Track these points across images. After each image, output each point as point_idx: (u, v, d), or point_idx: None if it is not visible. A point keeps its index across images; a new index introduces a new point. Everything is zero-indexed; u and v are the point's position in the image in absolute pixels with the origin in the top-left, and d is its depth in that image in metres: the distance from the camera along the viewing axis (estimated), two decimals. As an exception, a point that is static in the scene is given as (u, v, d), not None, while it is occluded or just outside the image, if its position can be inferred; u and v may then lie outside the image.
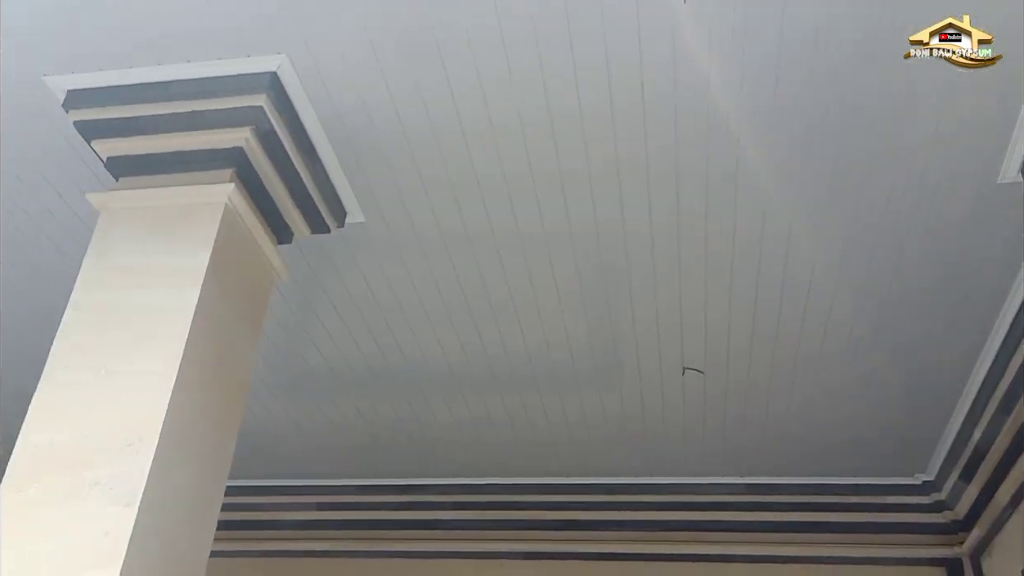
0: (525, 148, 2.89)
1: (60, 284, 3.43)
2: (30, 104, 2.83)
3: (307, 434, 4.74)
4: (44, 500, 2.26)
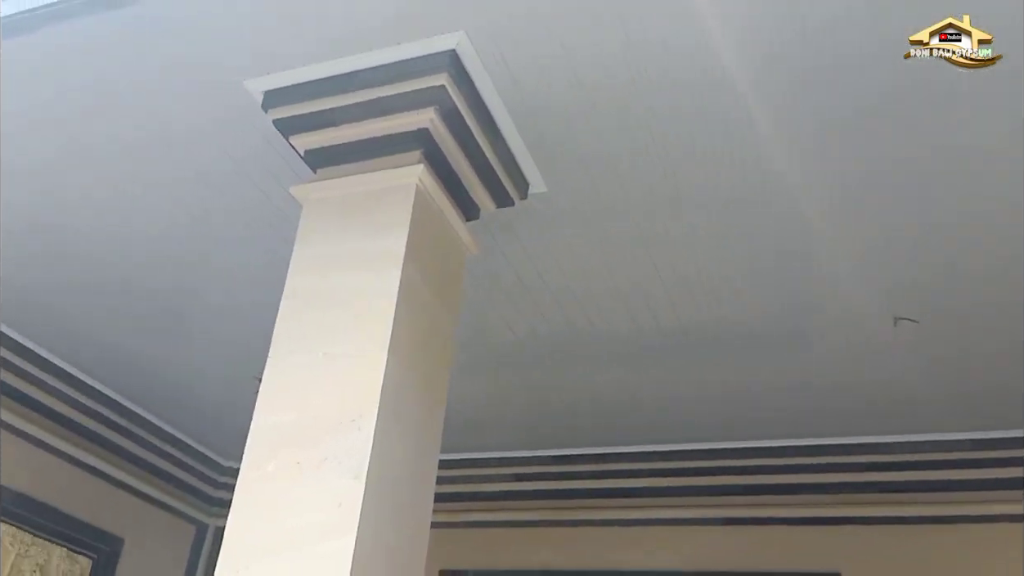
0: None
1: (269, 274, 3.71)
2: (231, 108, 3.00)
3: (501, 407, 4.85)
4: (281, 476, 2.41)
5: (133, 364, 4.94)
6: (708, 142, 2.95)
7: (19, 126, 3.16)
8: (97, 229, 3.76)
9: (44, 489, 4.97)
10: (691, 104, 2.79)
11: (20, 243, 3.88)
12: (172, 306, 4.33)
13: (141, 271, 4.04)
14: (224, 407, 5.30)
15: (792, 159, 3.00)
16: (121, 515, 5.44)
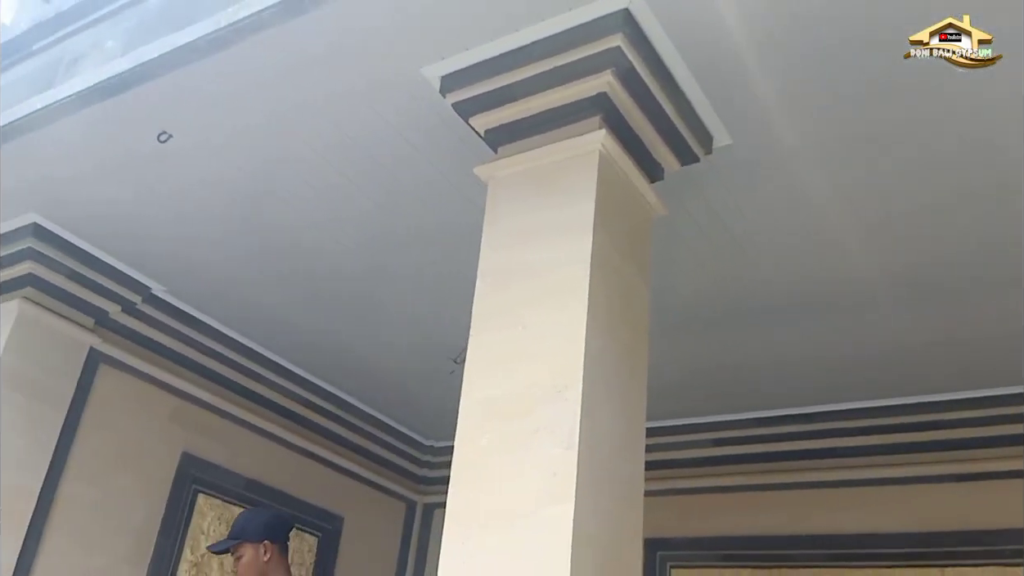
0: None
1: (457, 255, 3.80)
2: (409, 96, 3.09)
3: (694, 371, 4.75)
4: (495, 448, 2.47)
5: (339, 353, 5.24)
6: (904, 72, 2.72)
7: (228, 138, 3.42)
8: (297, 223, 3.99)
9: (272, 475, 5.39)
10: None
11: (235, 244, 4.21)
12: (368, 292, 4.54)
13: (336, 259, 4.26)
14: (424, 389, 5.52)
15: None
16: (340, 496, 5.81)
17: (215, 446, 5.12)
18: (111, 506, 4.57)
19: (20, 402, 4.25)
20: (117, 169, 3.77)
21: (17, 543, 4.12)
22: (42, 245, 4.25)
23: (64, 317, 4.46)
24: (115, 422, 4.66)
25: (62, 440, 4.39)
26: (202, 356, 5.05)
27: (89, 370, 4.57)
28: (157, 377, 4.88)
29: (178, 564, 4.81)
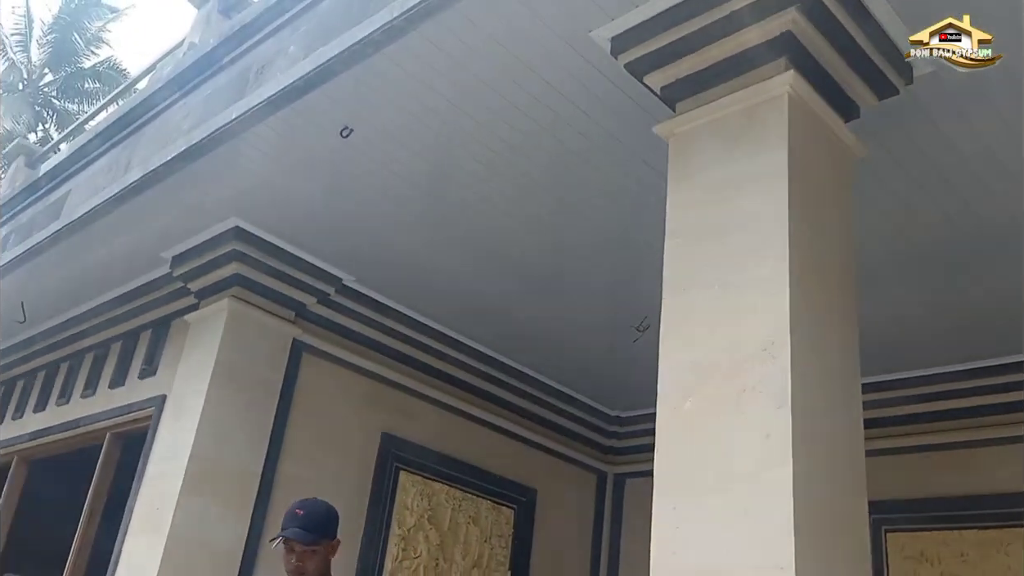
0: None
1: (633, 220, 3.73)
2: (581, 63, 3.04)
3: (906, 321, 4.43)
4: (699, 412, 2.40)
5: (524, 329, 5.31)
6: None
7: (404, 125, 3.52)
8: (475, 202, 4.06)
9: (467, 451, 5.56)
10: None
11: (417, 229, 4.34)
12: (548, 266, 4.56)
13: (515, 235, 4.30)
14: (608, 359, 5.50)
15: None
16: (533, 469, 5.91)
17: (412, 425, 5.33)
18: (323, 484, 4.84)
19: (238, 393, 4.59)
20: (305, 167, 3.97)
21: (246, 520, 4.46)
22: (244, 246, 4.55)
23: (268, 312, 4.76)
24: (320, 407, 4.94)
25: (276, 425, 4.70)
26: (394, 340, 5.26)
27: (294, 359, 4.87)
28: (354, 363, 5.13)
29: (388, 538, 5.06)
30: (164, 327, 5.26)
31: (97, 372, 5.74)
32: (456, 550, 5.37)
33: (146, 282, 5.29)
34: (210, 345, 4.63)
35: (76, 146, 4.89)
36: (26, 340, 6.43)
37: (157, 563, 4.13)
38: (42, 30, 21.29)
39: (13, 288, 5.60)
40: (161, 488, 4.40)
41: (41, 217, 4.99)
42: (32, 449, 6.25)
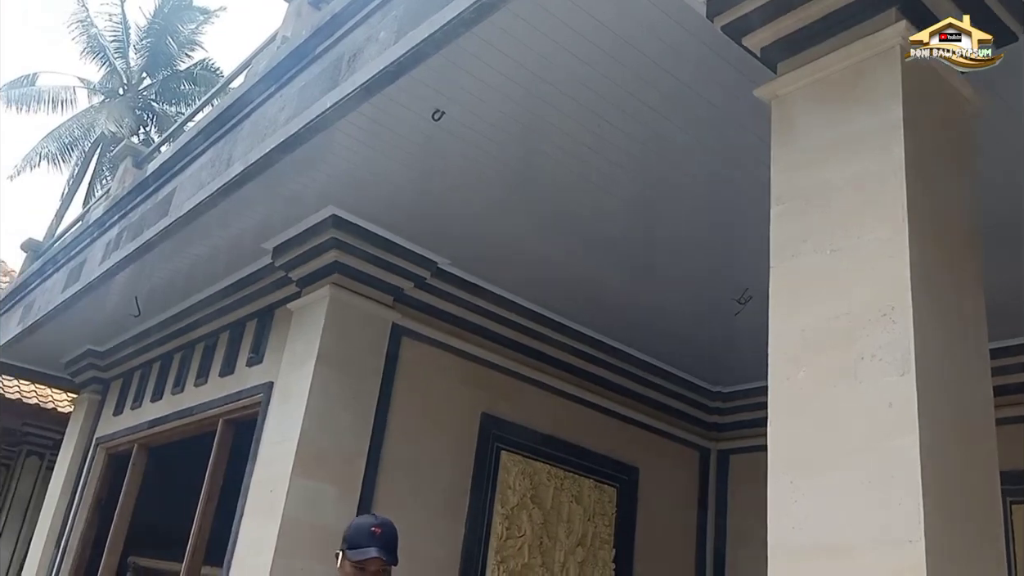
0: None
1: (728, 190, 3.63)
2: (676, 30, 2.97)
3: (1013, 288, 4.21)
4: (814, 381, 2.32)
5: (622, 307, 5.27)
6: None
7: (494, 105, 3.51)
8: (568, 179, 4.02)
9: (567, 430, 5.56)
10: None
11: (510, 209, 4.34)
12: (644, 241, 4.50)
13: (610, 211, 4.24)
14: (707, 334, 5.40)
15: None
16: (634, 447, 5.87)
17: (511, 406, 5.35)
18: (427, 465, 4.93)
19: (342, 378, 4.70)
20: (398, 153, 4.01)
21: (354, 500, 4.57)
22: (342, 234, 4.63)
23: (367, 297, 4.85)
24: (421, 389, 5.01)
25: (379, 407, 4.79)
26: (491, 322, 5.29)
27: (394, 343, 4.95)
28: (453, 345, 5.18)
29: (492, 516, 5.10)
30: (268, 316, 5.42)
31: (208, 361, 5.97)
32: (560, 528, 5.39)
33: (249, 273, 5.46)
34: (313, 332, 4.75)
35: (179, 145, 5.07)
36: (141, 333, 6.73)
37: (273, 543, 4.28)
38: (138, 35, 22.18)
39: (127, 284, 5.86)
40: (273, 471, 4.55)
41: (151, 214, 5.20)
42: (151, 437, 6.56)
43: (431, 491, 4.92)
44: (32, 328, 6.92)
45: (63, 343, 7.35)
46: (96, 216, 6.12)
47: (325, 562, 4.51)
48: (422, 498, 4.87)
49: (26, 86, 21.13)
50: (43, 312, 6.64)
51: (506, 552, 5.10)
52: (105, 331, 6.99)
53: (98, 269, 5.76)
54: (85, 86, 22.25)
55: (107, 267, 5.60)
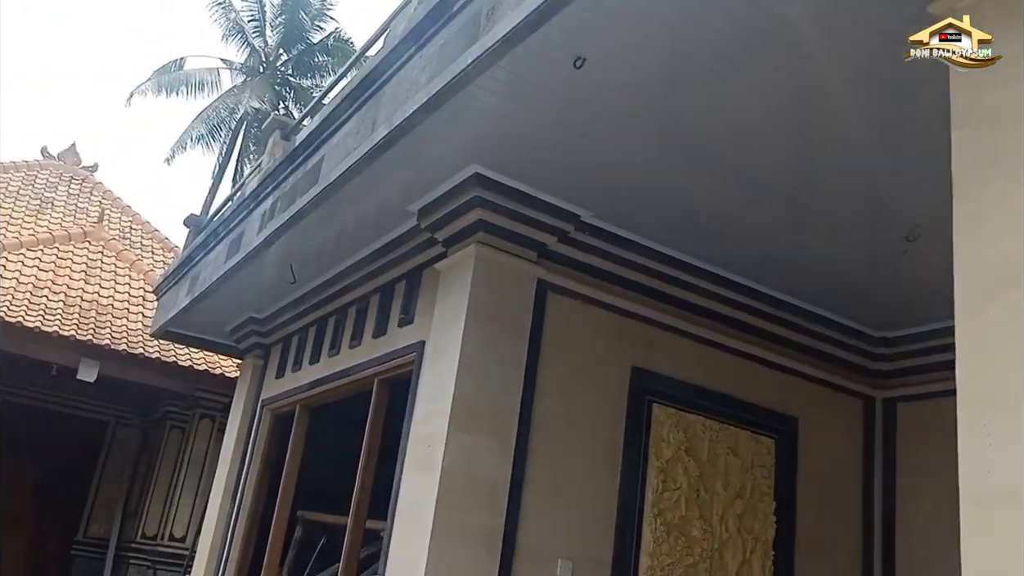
0: None
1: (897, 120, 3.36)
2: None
3: None
4: (1008, 317, 2.13)
5: (775, 253, 5.05)
6: None
7: (636, 48, 3.40)
8: (714, 121, 3.87)
9: (721, 381, 5.43)
10: None
11: (654, 156, 4.22)
12: (799, 179, 4.28)
13: (761, 149, 4.04)
14: (870, 277, 5.11)
15: None
16: (791, 397, 5.67)
17: (662, 358, 5.27)
18: (578, 419, 4.94)
19: (491, 334, 4.74)
20: (539, 104, 3.96)
21: (509, 455, 4.64)
22: (485, 192, 4.65)
23: (512, 254, 4.86)
24: (569, 344, 5.00)
25: (529, 363, 4.82)
26: (638, 274, 5.20)
27: (540, 299, 4.95)
28: (599, 299, 5.13)
29: (647, 470, 5.07)
30: (417, 277, 5.53)
31: (361, 324, 6.18)
32: (717, 481, 5.29)
33: (396, 236, 5.58)
34: (461, 291, 4.81)
35: (324, 114, 5.20)
36: (297, 299, 7.05)
37: (434, 498, 4.40)
38: (273, 13, 23.01)
39: (283, 252, 6.12)
40: (430, 428, 4.67)
41: (302, 183, 5.39)
42: (311, 398, 6.89)
43: (584, 444, 4.93)
44: (199, 299, 7.38)
45: (227, 312, 7.81)
46: (251, 189, 6.41)
47: (486, 515, 4.64)
48: (576, 451, 4.89)
49: (174, 71, 22.36)
50: (208, 283, 7.06)
51: (663, 505, 5.05)
52: (264, 299, 7.36)
53: (256, 239, 6.04)
54: (228, 67, 23.34)
55: (264, 237, 5.86)
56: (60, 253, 11.10)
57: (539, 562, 4.63)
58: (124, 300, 10.88)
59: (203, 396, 10.62)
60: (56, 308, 9.80)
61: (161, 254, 13.33)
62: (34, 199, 13.38)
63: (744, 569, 5.24)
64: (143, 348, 9.80)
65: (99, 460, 12.23)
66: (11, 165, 14.02)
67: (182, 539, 10.46)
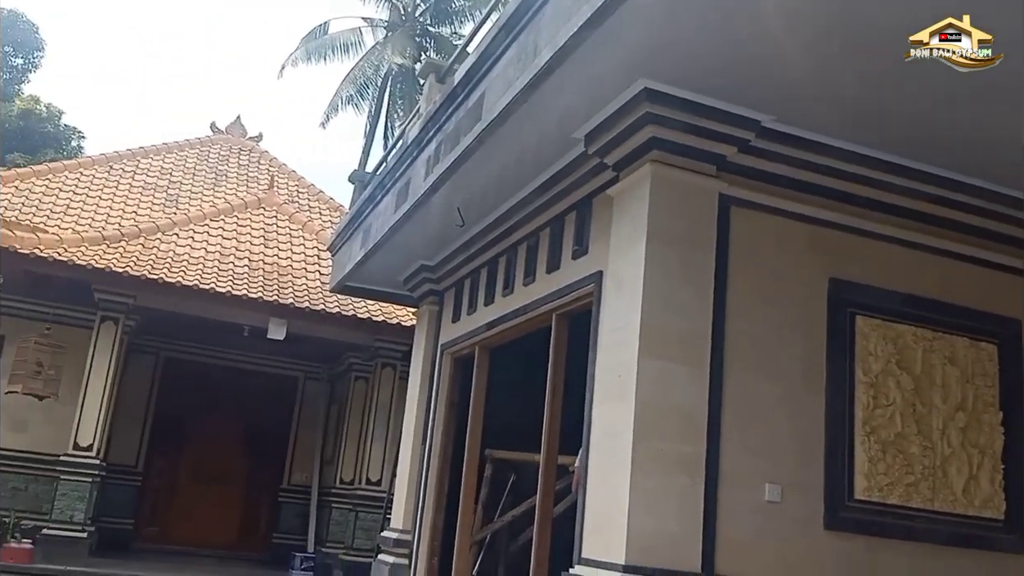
0: None
1: None
2: None
3: None
4: None
5: (976, 139, 4.49)
6: None
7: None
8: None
9: (929, 286, 4.98)
10: None
11: (834, 48, 3.84)
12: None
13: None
14: None
15: None
16: (1012, 298, 5.10)
17: (862, 267, 4.88)
18: (774, 338, 4.67)
19: (674, 256, 4.53)
20: (704, 6, 3.66)
21: (703, 380, 4.45)
22: (655, 107, 4.39)
23: (689, 170, 4.60)
24: (758, 260, 4.72)
25: (717, 283, 4.58)
26: (829, 178, 4.81)
27: (723, 215, 4.67)
28: (787, 209, 4.79)
29: (854, 386, 4.74)
30: (587, 206, 5.37)
31: (532, 260, 6.11)
32: (934, 394, 4.88)
33: (563, 166, 5.43)
34: (638, 214, 4.61)
35: (482, 48, 5.07)
36: (466, 243, 7.07)
37: (630, 427, 4.29)
38: (405, -37, 23.09)
39: (450, 196, 6.11)
40: (619, 357, 4.54)
41: (464, 122, 5.30)
42: (490, 338, 6.92)
43: (783, 364, 4.66)
44: (372, 251, 7.54)
45: (399, 262, 7.96)
46: (412, 136, 6.41)
47: (685, 442, 4.49)
48: (774, 372, 4.63)
49: (320, 36, 22.95)
50: (379, 235, 7.19)
51: (875, 422, 4.71)
52: (434, 245, 7.44)
53: (423, 185, 6.05)
54: (369, 24, 23.71)
55: (431, 182, 5.85)
56: (239, 221, 11.72)
57: (745, 487, 4.45)
58: (301, 260, 11.38)
59: (383, 346, 10.98)
60: (242, 273, 10.37)
61: (328, 214, 13.83)
62: (209, 173, 14.18)
63: (971, 485, 4.84)
64: (324, 304, 10.21)
65: (294, 413, 12.99)
66: (185, 143, 14.88)
67: (377, 482, 10.96)
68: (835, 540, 4.57)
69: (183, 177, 13.68)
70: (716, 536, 4.34)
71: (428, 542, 7.39)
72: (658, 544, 4.20)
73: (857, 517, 4.62)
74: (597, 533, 4.49)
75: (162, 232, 10.65)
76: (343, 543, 11.07)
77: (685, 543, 4.26)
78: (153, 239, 10.38)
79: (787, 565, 4.45)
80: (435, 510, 7.48)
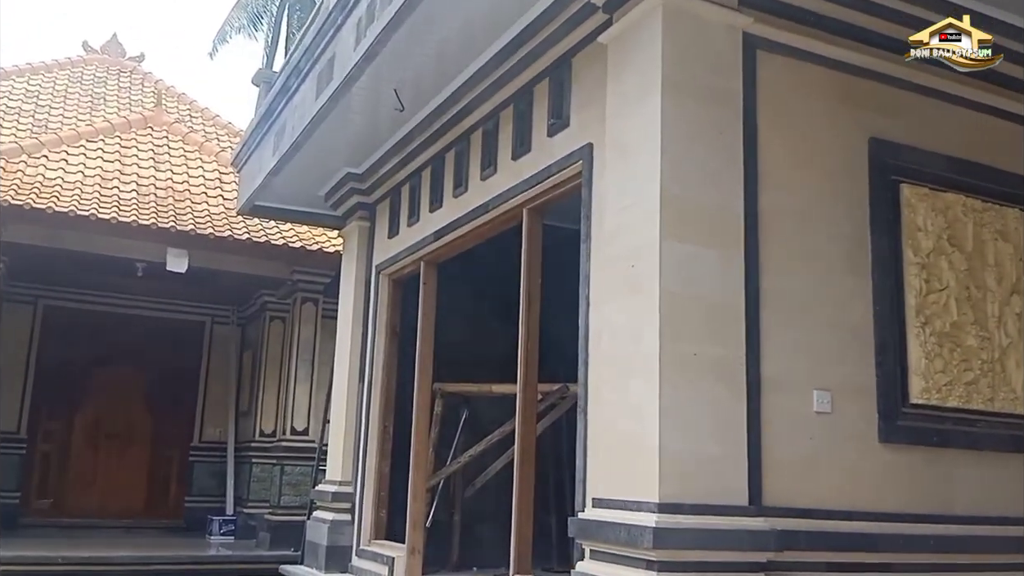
0: None
1: None
2: None
3: None
4: None
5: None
6: None
7: None
8: None
9: (983, 149, 4.19)
10: None
11: None
12: None
13: None
14: None
15: None
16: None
17: (907, 125, 4.05)
18: (812, 211, 3.82)
19: (693, 109, 3.58)
20: None
21: (739, 264, 3.55)
22: (668, -87, 3.36)
23: (708, 1, 3.62)
24: (790, 116, 3.83)
25: (746, 147, 3.65)
26: (871, 18, 3.92)
27: (749, 61, 3.73)
28: (822, 53, 3.90)
29: (903, 268, 3.92)
30: (564, 68, 4.37)
31: (491, 148, 5.08)
32: (987, 275, 4.11)
33: (529, 22, 4.40)
34: (647, 60, 3.63)
35: None
36: (403, 140, 5.95)
37: (655, 326, 3.35)
38: None
39: (386, 72, 4.98)
40: (632, 241, 3.58)
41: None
42: (438, 251, 5.86)
43: (823, 243, 3.82)
44: (290, 153, 6.29)
45: (320, 172, 6.76)
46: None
47: (720, 344, 3.59)
48: (814, 253, 3.79)
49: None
50: (299, 131, 5.96)
51: (929, 311, 3.92)
52: (363, 146, 6.28)
53: (353, 56, 4.88)
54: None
55: (365, 47, 4.69)
56: (123, 142, 10.11)
57: (791, 394, 3.60)
58: (200, 184, 9.92)
59: (302, 279, 9.75)
60: (129, 198, 8.88)
61: (227, 139, 12.28)
62: (84, 95, 12.38)
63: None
64: (230, 231, 8.87)
65: (202, 362, 11.66)
66: (54, 63, 12.98)
67: (304, 431, 9.83)
68: (892, 455, 3.77)
69: (52, 100, 11.86)
70: (761, 458, 3.48)
71: (374, 492, 6.37)
72: (697, 472, 3.31)
73: (915, 425, 3.84)
74: (614, 466, 3.56)
75: (28, 154, 9.00)
76: (268, 502, 9.93)
77: (728, 469, 3.39)
78: (16, 162, 8.74)
79: (842, 493, 3.62)
80: (380, 455, 6.45)
